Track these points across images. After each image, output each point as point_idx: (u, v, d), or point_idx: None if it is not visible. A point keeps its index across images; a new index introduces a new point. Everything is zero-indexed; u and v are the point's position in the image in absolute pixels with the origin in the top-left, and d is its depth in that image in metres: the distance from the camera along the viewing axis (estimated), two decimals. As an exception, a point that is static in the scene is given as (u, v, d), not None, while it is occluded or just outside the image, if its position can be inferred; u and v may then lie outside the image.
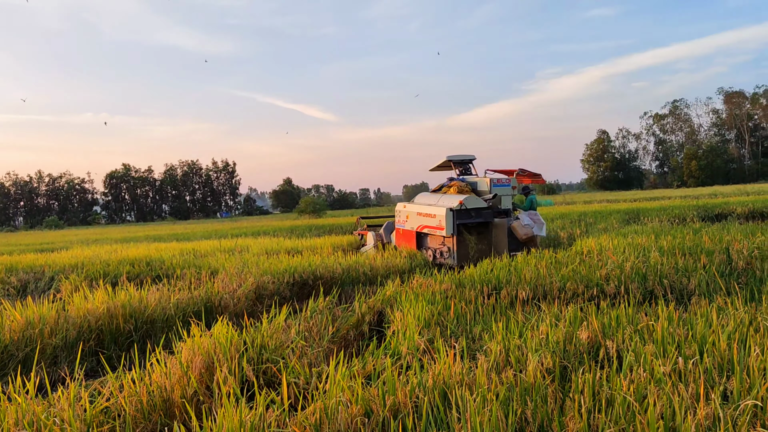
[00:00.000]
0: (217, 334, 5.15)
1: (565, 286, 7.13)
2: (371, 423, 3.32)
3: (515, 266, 8.45)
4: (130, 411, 3.96)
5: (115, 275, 11.58)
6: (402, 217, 14.18)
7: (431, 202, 13.38)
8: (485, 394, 3.37)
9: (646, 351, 4.03)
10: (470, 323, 5.67)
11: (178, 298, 7.93)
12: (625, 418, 3.02)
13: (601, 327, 4.85)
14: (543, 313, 5.64)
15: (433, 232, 12.80)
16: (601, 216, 21.65)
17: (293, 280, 9.82)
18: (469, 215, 12.52)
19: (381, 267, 10.68)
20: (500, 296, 6.90)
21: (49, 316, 6.64)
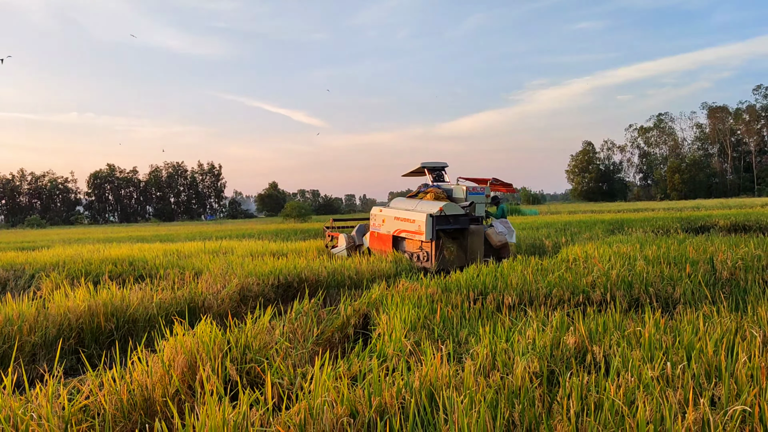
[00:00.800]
0: (200, 333, 5.07)
1: (551, 292, 7.13)
2: (357, 424, 3.27)
3: (501, 272, 8.44)
4: (110, 410, 3.87)
5: (97, 274, 11.43)
6: (378, 221, 14.41)
7: (409, 207, 13.69)
8: (473, 396, 3.34)
9: (634, 356, 4.02)
10: (456, 327, 5.64)
11: (161, 297, 7.83)
12: (614, 422, 3.00)
13: (588, 332, 4.84)
14: (530, 318, 5.63)
15: (411, 236, 13.05)
16: (585, 225, 21.77)
17: (278, 282, 9.74)
18: (448, 221, 12.82)
19: (366, 271, 10.62)
20: (486, 301, 6.88)
21: (28, 314, 6.53)
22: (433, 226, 12.56)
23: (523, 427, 3.11)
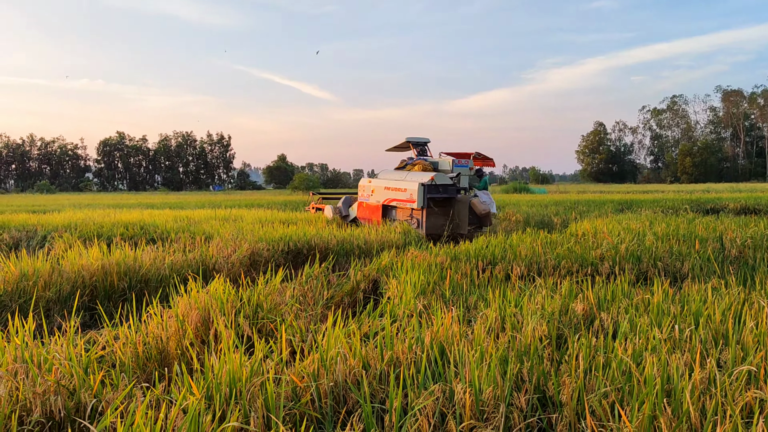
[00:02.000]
0: (213, 291, 5.15)
1: (560, 264, 7.17)
2: (369, 375, 3.34)
3: (510, 243, 8.48)
4: (125, 360, 3.96)
5: (108, 236, 11.54)
6: (367, 192, 15.40)
7: (399, 178, 14.59)
8: (483, 351, 3.41)
9: (642, 322, 4.08)
10: (466, 293, 5.70)
11: (173, 259, 7.92)
12: (621, 379, 3.06)
13: (597, 300, 4.89)
14: (538, 286, 5.68)
15: (403, 205, 14.01)
16: (594, 205, 21.73)
17: (288, 248, 9.82)
18: (438, 190, 13.76)
19: (375, 241, 10.68)
20: (495, 270, 6.94)
21: (43, 270, 6.62)
22: (425, 194, 13.48)
23: (532, 382, 3.18)
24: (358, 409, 3.08)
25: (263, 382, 3.10)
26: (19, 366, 3.40)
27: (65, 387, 3.21)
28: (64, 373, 3.39)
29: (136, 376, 3.87)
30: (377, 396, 3.25)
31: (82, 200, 39.62)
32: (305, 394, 3.22)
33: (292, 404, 3.09)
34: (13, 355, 3.53)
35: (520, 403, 3.01)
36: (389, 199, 14.57)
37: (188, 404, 2.85)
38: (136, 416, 2.49)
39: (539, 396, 3.16)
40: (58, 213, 18.48)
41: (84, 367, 3.50)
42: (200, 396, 2.88)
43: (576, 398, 2.94)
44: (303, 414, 3.09)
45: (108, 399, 3.15)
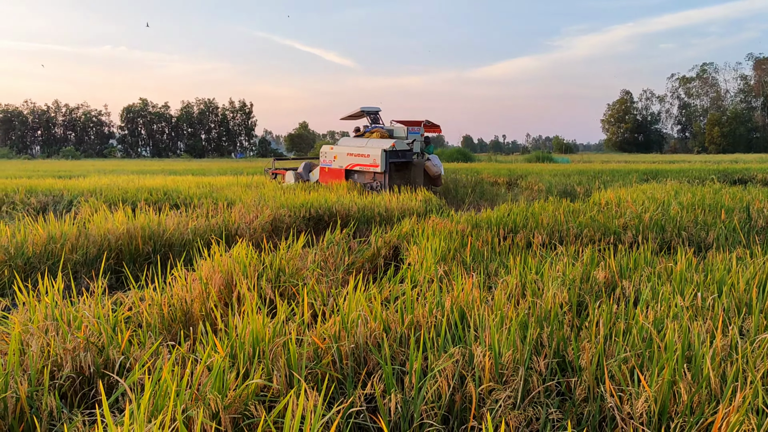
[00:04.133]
0: (236, 255, 5.22)
1: (582, 232, 7.14)
2: (389, 338, 3.39)
3: (532, 212, 8.44)
4: (151, 321, 4.05)
5: (133, 201, 11.70)
6: (329, 158, 16.78)
7: (360, 144, 16.14)
8: (503, 315, 3.42)
9: (664, 290, 4.06)
10: (487, 260, 5.70)
11: (196, 224, 8.01)
12: (642, 344, 3.06)
13: (619, 268, 4.87)
14: (560, 254, 5.66)
15: (366, 169, 15.58)
16: (618, 174, 21.47)
17: (309, 214, 9.89)
18: (397, 155, 15.49)
19: (396, 208, 10.70)
20: (516, 238, 6.92)
21: (70, 233, 6.73)
22: (387, 159, 15.07)
23: (551, 347, 3.19)
24: (378, 371, 3.12)
25: (285, 342, 3.15)
26: (50, 323, 3.50)
27: (94, 344, 3.30)
28: (93, 331, 3.48)
29: (162, 336, 3.95)
30: (397, 358, 3.29)
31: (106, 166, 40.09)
32: (326, 355, 3.27)
33: (313, 364, 3.15)
34: (44, 313, 3.63)
35: (539, 366, 3.03)
36: (352, 164, 15.93)
37: (213, 362, 2.92)
38: (164, 372, 2.56)
39: (558, 360, 3.18)
40: (83, 178, 18.74)
41: (112, 326, 3.58)
42: (224, 354, 2.95)
43: (595, 363, 2.95)
44: (324, 374, 3.14)
45: (135, 356, 3.23)
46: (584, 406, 2.90)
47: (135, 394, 2.48)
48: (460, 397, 2.90)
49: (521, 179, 20.69)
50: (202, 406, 2.48)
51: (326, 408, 2.75)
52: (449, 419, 2.90)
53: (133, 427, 2.17)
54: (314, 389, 2.85)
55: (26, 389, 2.79)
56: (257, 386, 2.80)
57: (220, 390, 2.66)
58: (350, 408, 2.80)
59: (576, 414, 2.86)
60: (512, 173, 23.04)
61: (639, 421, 2.68)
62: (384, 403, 2.79)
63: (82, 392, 3.16)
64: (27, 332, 3.47)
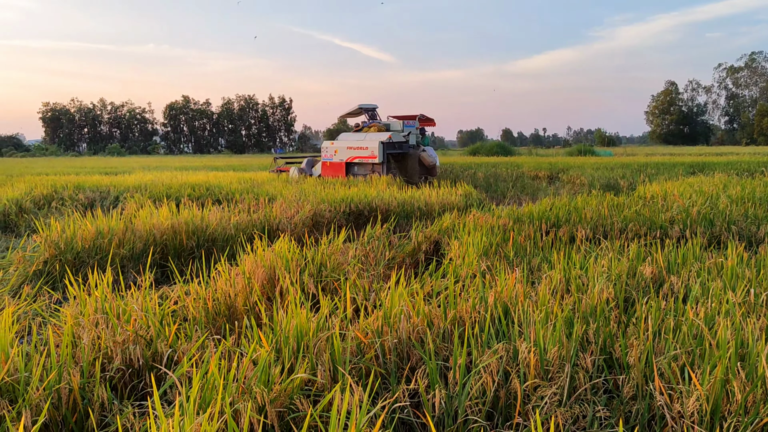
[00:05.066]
0: (278, 249, 5.26)
1: (627, 227, 7.00)
2: (432, 334, 3.37)
3: (575, 206, 8.31)
4: (196, 315, 4.11)
5: (177, 197, 11.92)
6: (330, 152, 17.77)
7: (359, 138, 17.28)
8: (548, 311, 3.38)
9: (714, 286, 3.95)
10: (529, 255, 5.64)
11: (238, 219, 8.12)
12: (692, 341, 2.99)
13: (666, 263, 4.76)
14: (605, 249, 5.56)
15: (365, 161, 16.63)
16: (664, 167, 20.98)
17: (349, 209, 9.92)
18: (394, 147, 16.77)
19: (436, 203, 10.66)
20: (559, 233, 6.82)
21: (117, 228, 6.88)
22: (384, 150, 16.27)
23: (598, 344, 3.14)
24: (421, 366, 3.11)
25: (329, 336, 3.17)
26: (100, 317, 3.58)
27: (143, 337, 3.37)
28: (141, 324, 3.55)
29: (207, 330, 4.01)
30: (440, 354, 3.27)
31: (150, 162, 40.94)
32: (369, 350, 3.28)
33: (357, 359, 3.15)
34: (94, 307, 3.72)
35: (586, 363, 2.98)
36: (352, 157, 17.00)
37: (258, 356, 2.95)
38: (210, 365, 2.60)
39: (605, 357, 3.12)
40: (128, 175, 19.17)
41: (159, 320, 3.65)
42: (270, 349, 2.98)
43: (644, 360, 2.89)
44: (367, 369, 3.15)
45: (183, 349, 3.29)
46: (632, 404, 2.84)
47: (184, 387, 2.52)
48: (504, 393, 2.87)
49: (563, 173, 20.40)
50: (249, 400, 2.51)
51: (370, 403, 2.75)
52: (493, 415, 2.88)
53: (183, 419, 2.21)
54: (358, 384, 2.86)
55: (79, 381, 2.87)
56: (302, 380, 2.82)
57: (266, 384, 2.69)
58: (394, 403, 2.79)
59: (624, 412, 2.81)
60: (553, 167, 22.73)
61: (690, 420, 2.62)
62: (428, 399, 2.78)
63: (131, 384, 3.23)
64: (78, 325, 3.56)
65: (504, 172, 20.88)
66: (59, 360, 2.98)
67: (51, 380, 2.79)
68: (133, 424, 2.68)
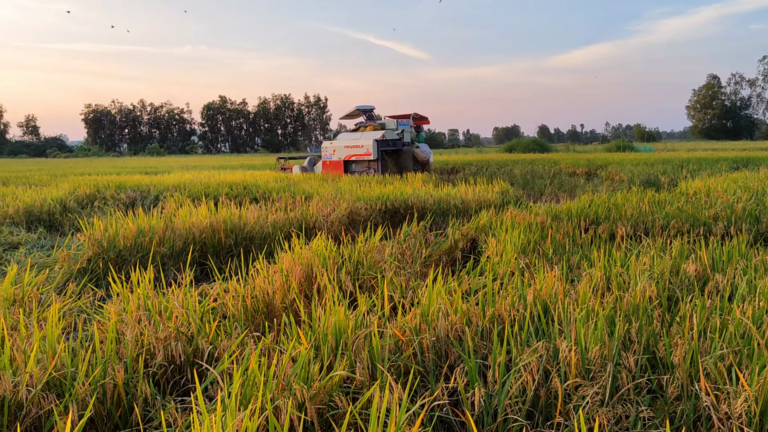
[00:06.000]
0: (315, 247, 5.29)
1: (668, 224, 6.85)
2: (471, 332, 3.35)
3: (614, 202, 8.17)
4: (235, 312, 4.16)
5: (215, 195, 12.08)
6: (329, 152, 19.09)
7: (356, 137, 18.50)
8: (589, 309, 3.32)
9: (762, 284, 3.84)
10: (568, 253, 5.56)
11: (275, 218, 8.18)
12: (739, 341, 2.91)
13: (711, 261, 4.64)
14: (646, 246, 5.45)
15: (361, 158, 17.84)
16: (706, 162, 20.48)
17: (385, 207, 9.92)
18: (388, 144, 17.91)
19: (472, 200, 10.59)
20: (599, 230, 6.72)
21: (158, 227, 7.00)
22: (379, 148, 17.45)
23: (641, 343, 3.07)
24: (459, 364, 3.09)
25: (367, 334, 3.17)
26: (142, 314, 3.65)
27: (184, 334, 3.43)
28: (182, 321, 3.61)
29: (247, 327, 4.06)
30: (479, 352, 3.25)
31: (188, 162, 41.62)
32: (407, 348, 3.27)
33: (395, 357, 3.15)
34: (137, 304, 3.80)
35: (629, 363, 2.92)
36: (349, 155, 18.24)
37: (297, 353, 2.97)
38: (251, 362, 2.62)
39: (648, 357, 3.05)
40: (168, 174, 19.51)
41: (200, 317, 3.71)
42: (309, 346, 2.99)
43: (689, 360, 2.82)
44: (406, 367, 3.14)
45: (223, 346, 3.33)
46: (677, 404, 2.77)
47: (225, 383, 2.55)
48: (544, 392, 2.83)
49: (601, 169, 20.07)
50: (289, 397, 2.53)
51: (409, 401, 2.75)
52: (534, 414, 2.85)
53: (225, 415, 2.23)
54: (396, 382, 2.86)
55: (123, 376, 2.93)
56: (341, 378, 2.83)
57: (305, 381, 2.70)
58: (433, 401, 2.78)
59: (668, 413, 2.75)
60: (591, 163, 22.38)
61: (738, 422, 2.55)
62: (467, 397, 2.76)
63: (173, 380, 3.28)
64: (122, 322, 3.64)
65: (541, 169, 20.64)
66: (104, 356, 3.04)
67: (96, 375, 2.86)
68: (176, 419, 2.72)
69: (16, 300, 4.35)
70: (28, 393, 2.75)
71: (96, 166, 34.40)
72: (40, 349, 3.07)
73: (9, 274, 4.62)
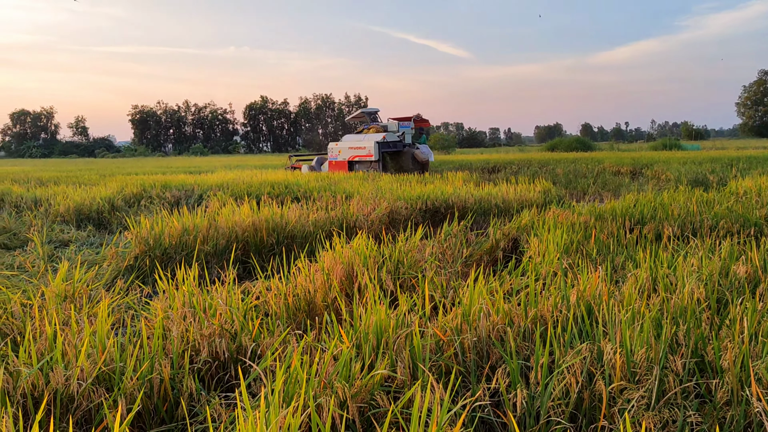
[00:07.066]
0: (356, 246, 5.31)
1: (717, 224, 6.67)
2: (513, 332, 3.32)
3: (661, 202, 7.99)
4: (277, 310, 4.20)
5: (257, 194, 12.24)
6: (335, 152, 20.40)
7: (359, 139, 19.70)
8: (635, 311, 3.26)
9: (817, 287, 3.70)
10: (612, 253, 5.46)
11: (316, 217, 8.24)
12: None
13: (762, 263, 4.50)
14: (694, 247, 5.32)
15: (363, 159, 19.00)
16: (757, 161, 19.87)
17: (425, 207, 9.91)
18: (388, 146, 19.08)
19: (514, 200, 10.49)
20: (644, 230, 6.58)
21: (201, 225, 7.12)
22: (380, 149, 18.65)
23: (689, 346, 3.00)
24: (501, 365, 3.07)
25: (408, 333, 3.17)
26: (188, 310, 3.72)
27: (228, 331, 3.48)
28: (226, 318, 3.66)
29: (288, 325, 4.10)
30: (521, 353, 3.22)
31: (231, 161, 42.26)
32: (448, 348, 3.26)
33: (436, 356, 3.14)
34: (182, 301, 3.87)
35: (676, 366, 2.85)
36: (353, 156, 19.44)
37: (339, 352, 2.99)
38: (293, 360, 2.65)
39: (696, 360, 2.98)
40: (211, 174, 19.85)
41: (243, 314, 3.76)
42: (351, 345, 3.01)
43: (739, 364, 2.74)
44: (447, 367, 3.13)
45: (266, 344, 3.37)
46: (726, 409, 2.70)
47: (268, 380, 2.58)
48: (588, 395, 2.79)
49: (647, 168, 19.64)
50: (331, 395, 2.55)
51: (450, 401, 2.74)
52: (577, 417, 2.81)
53: (269, 411, 2.26)
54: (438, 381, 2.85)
55: (169, 372, 2.99)
56: (381, 376, 2.83)
57: (347, 379, 2.72)
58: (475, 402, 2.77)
59: (717, 418, 2.67)
60: (636, 162, 21.93)
61: (792, 429, 2.46)
62: (509, 398, 2.74)
63: (217, 376, 3.34)
64: (168, 318, 3.72)
65: (584, 167, 20.31)
66: (151, 351, 3.11)
67: (144, 371, 2.93)
68: (220, 414, 2.77)
69: (68, 296, 4.48)
70: (79, 386, 2.83)
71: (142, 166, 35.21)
72: (90, 344, 3.15)
73: (60, 271, 4.77)
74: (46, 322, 3.43)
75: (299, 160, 24.67)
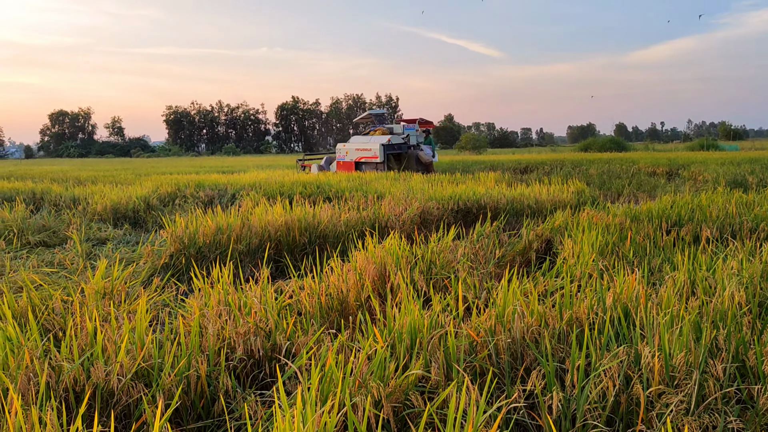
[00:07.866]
0: (389, 246, 5.32)
1: (758, 226, 6.52)
2: (548, 334, 3.29)
3: (699, 203, 7.83)
4: (310, 309, 4.23)
5: (289, 194, 12.31)
6: (343, 153, 21.09)
7: (365, 140, 20.38)
8: (674, 314, 3.20)
9: None
10: (649, 255, 5.37)
11: (348, 217, 8.27)
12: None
13: (806, 266, 4.39)
14: (733, 249, 5.21)
15: (369, 160, 19.74)
16: (799, 162, 19.34)
17: (457, 207, 9.87)
18: (393, 148, 19.87)
19: (547, 201, 10.39)
20: (681, 232, 6.46)
21: (235, 225, 7.20)
22: (385, 151, 19.44)
23: (729, 351, 2.94)
24: (536, 367, 3.04)
25: (442, 334, 3.16)
26: (223, 308, 3.77)
27: (262, 329, 3.51)
28: (260, 317, 3.70)
29: (322, 324, 4.13)
30: (556, 355, 3.19)
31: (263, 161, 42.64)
32: (482, 349, 3.24)
33: (470, 357, 3.13)
34: (217, 299, 3.92)
35: (716, 371, 2.80)
36: (359, 157, 20.20)
37: (373, 352, 2.99)
38: (328, 359, 2.67)
39: (738, 365, 2.92)
40: (244, 173, 20.07)
41: (276, 313, 3.79)
42: (386, 344, 3.01)
43: (783, 370, 2.68)
44: (481, 368, 3.12)
45: (300, 342, 3.40)
46: (769, 416, 2.64)
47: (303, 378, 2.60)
48: (625, 398, 2.75)
49: (683, 169, 19.28)
50: (366, 394, 2.55)
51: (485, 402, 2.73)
52: (614, 421, 2.77)
53: (305, 409, 2.28)
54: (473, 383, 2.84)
55: (205, 369, 3.03)
56: (416, 377, 2.83)
57: (382, 379, 2.73)
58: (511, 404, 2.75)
59: (760, 424, 2.61)
60: (673, 162, 21.53)
61: (838, 437, 2.40)
62: (544, 401, 2.71)
63: (252, 374, 3.37)
64: (203, 316, 3.77)
65: (618, 168, 20.02)
66: (188, 348, 3.16)
67: (181, 367, 2.97)
68: (255, 411, 2.80)
69: (106, 293, 4.57)
70: (118, 382, 2.89)
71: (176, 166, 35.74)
72: (129, 341, 3.21)
73: (100, 269, 4.86)
74: (87, 318, 3.51)
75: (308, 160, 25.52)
